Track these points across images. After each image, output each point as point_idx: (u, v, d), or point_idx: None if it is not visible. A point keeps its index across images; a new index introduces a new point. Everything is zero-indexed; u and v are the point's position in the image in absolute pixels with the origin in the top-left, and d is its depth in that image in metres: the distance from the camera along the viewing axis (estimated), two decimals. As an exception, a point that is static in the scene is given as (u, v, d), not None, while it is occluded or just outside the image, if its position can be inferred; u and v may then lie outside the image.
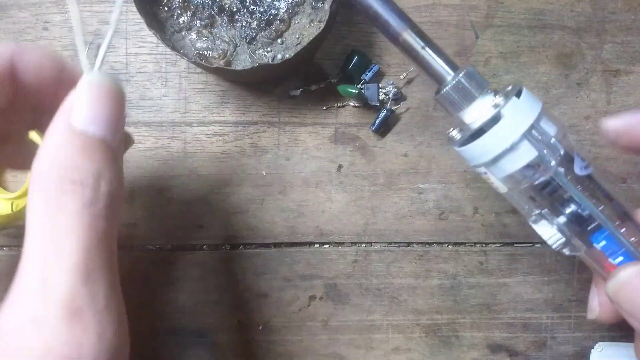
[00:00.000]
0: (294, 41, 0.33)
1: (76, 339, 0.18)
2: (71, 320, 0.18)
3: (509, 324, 0.38)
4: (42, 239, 0.19)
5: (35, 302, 0.18)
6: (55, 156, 0.20)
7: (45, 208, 0.19)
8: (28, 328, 0.18)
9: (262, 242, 0.37)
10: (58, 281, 0.18)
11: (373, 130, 0.36)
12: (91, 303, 0.19)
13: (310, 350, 0.37)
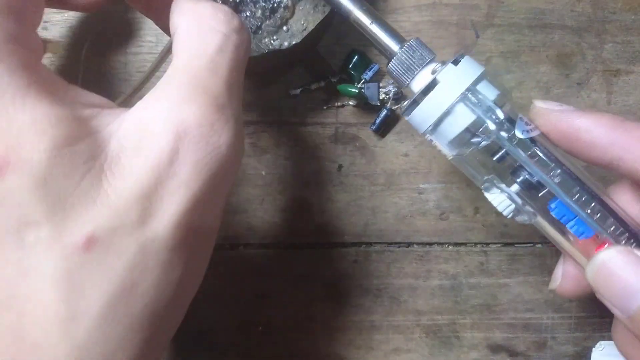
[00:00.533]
0: (300, 27, 0.33)
1: (219, 126, 0.21)
2: (215, 110, 0.21)
3: (510, 325, 0.38)
4: (195, 52, 0.22)
5: (185, 89, 0.21)
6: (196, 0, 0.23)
7: (199, 30, 0.22)
8: (178, 103, 0.20)
9: (262, 242, 0.37)
10: (206, 81, 0.21)
11: (373, 130, 0.36)
12: (229, 106, 0.21)
13: (310, 350, 0.37)
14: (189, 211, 0.20)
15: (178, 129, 0.20)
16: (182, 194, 0.20)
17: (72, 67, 0.35)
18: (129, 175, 0.19)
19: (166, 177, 0.19)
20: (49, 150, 0.18)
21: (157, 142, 0.20)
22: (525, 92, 0.36)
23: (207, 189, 0.20)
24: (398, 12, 0.36)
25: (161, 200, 0.19)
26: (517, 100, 0.36)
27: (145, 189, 0.19)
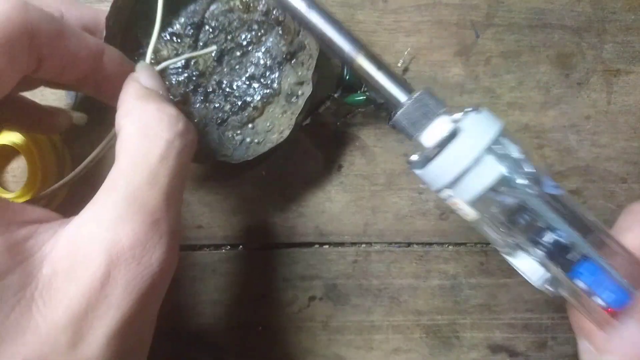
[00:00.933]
0: (265, 127, 0.34)
1: (152, 244, 0.21)
2: (150, 228, 0.21)
3: (510, 325, 0.37)
4: (136, 160, 0.22)
5: (121, 205, 0.21)
6: (144, 98, 0.24)
7: (142, 135, 0.22)
8: (113, 222, 0.20)
9: (262, 242, 0.37)
10: (144, 196, 0.21)
11: (391, 125, 0.35)
12: (166, 219, 0.22)
13: (310, 350, 0.37)
14: (119, 331, 0.20)
15: (111, 252, 0.20)
16: (111, 316, 0.20)
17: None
18: (60, 302, 0.20)
19: (96, 301, 0.20)
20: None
21: (89, 267, 0.20)
22: (525, 92, 0.36)
23: (137, 308, 0.21)
24: (398, 12, 0.36)
25: (91, 324, 0.20)
26: (517, 100, 0.36)
27: (75, 315, 0.19)
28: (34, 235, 0.21)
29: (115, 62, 0.26)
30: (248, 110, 0.34)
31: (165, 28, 0.33)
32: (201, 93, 0.34)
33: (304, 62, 0.33)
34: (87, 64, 0.25)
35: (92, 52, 0.25)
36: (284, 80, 0.34)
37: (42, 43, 0.22)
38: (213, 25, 0.33)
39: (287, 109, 0.33)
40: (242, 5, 0.33)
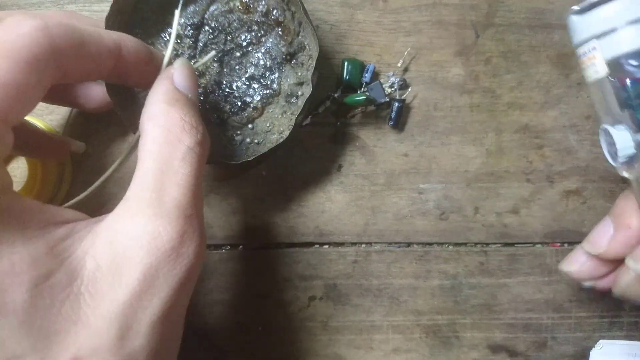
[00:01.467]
0: (265, 128, 0.34)
1: (188, 237, 0.23)
2: (184, 222, 0.23)
3: (510, 325, 0.38)
4: (161, 162, 0.23)
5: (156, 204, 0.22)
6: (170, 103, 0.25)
7: (165, 140, 0.24)
8: (151, 218, 0.22)
9: (262, 242, 0.37)
10: (174, 194, 0.23)
11: (392, 125, 0.35)
12: (195, 214, 0.23)
13: (310, 350, 0.37)
14: (161, 320, 0.22)
15: (151, 245, 0.21)
16: (154, 305, 0.21)
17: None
18: (106, 295, 0.21)
19: (141, 293, 0.21)
20: (29, 290, 0.20)
21: (132, 261, 0.21)
22: (525, 92, 0.36)
23: (176, 296, 0.22)
24: (398, 12, 0.36)
25: (136, 314, 0.21)
26: (517, 100, 0.36)
27: (122, 307, 0.21)
28: (72, 234, 0.22)
29: (132, 51, 0.27)
30: (248, 111, 0.34)
31: (164, 29, 0.33)
32: (201, 93, 0.34)
33: (303, 63, 0.33)
34: (109, 63, 0.26)
35: (111, 50, 0.26)
36: (284, 80, 0.34)
37: (66, 57, 0.23)
38: (213, 26, 0.33)
39: (287, 110, 0.33)
40: (241, 6, 0.33)
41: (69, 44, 0.23)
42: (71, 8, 0.35)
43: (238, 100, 0.34)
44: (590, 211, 0.37)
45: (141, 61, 0.27)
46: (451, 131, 0.36)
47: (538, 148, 0.37)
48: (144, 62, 0.27)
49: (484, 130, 0.36)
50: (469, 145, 0.36)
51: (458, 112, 0.36)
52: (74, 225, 0.22)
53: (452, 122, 0.36)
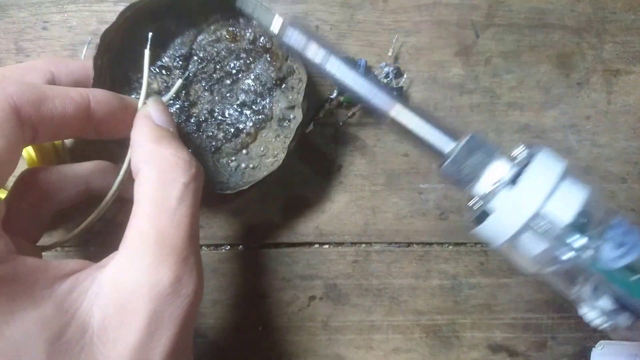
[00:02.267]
0: (259, 152, 0.34)
1: (186, 278, 0.24)
2: (183, 265, 0.23)
3: (510, 325, 0.38)
4: (156, 203, 0.24)
5: (155, 249, 0.23)
6: (158, 142, 0.26)
7: (161, 180, 0.24)
8: (152, 266, 0.23)
9: (262, 242, 0.37)
10: (172, 238, 0.24)
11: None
12: (193, 253, 0.24)
13: (310, 350, 0.37)
14: (172, 351, 0.23)
15: (153, 292, 0.22)
16: (163, 344, 0.23)
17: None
18: (117, 341, 0.22)
19: (149, 335, 0.22)
20: (46, 351, 0.21)
21: (138, 308, 0.22)
22: (526, 92, 0.36)
23: (181, 333, 0.23)
24: (398, 12, 0.36)
25: (147, 355, 0.22)
26: (518, 100, 0.36)
27: (134, 349, 0.22)
28: (77, 286, 0.23)
29: (103, 103, 0.27)
30: (241, 137, 0.34)
31: (154, 61, 0.33)
32: (194, 123, 0.34)
33: (294, 87, 0.33)
34: (78, 117, 0.26)
35: (78, 104, 0.26)
36: (275, 105, 0.34)
37: (29, 113, 0.24)
38: (201, 56, 0.33)
39: (280, 133, 0.34)
40: (228, 35, 0.33)
41: (28, 99, 0.24)
42: (71, 8, 0.35)
43: (231, 127, 0.34)
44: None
45: (114, 111, 0.27)
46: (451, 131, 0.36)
47: (538, 148, 0.37)
48: (117, 111, 0.27)
49: (484, 130, 0.36)
50: (469, 145, 0.36)
51: (458, 112, 0.36)
52: (77, 276, 0.23)
53: (452, 122, 0.36)
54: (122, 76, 0.32)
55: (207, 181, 0.28)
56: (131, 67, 0.33)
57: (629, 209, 0.37)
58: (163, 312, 0.23)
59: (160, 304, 0.23)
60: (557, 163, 0.22)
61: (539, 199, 0.21)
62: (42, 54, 0.35)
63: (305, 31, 0.26)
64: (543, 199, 0.21)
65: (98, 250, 0.35)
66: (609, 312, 0.22)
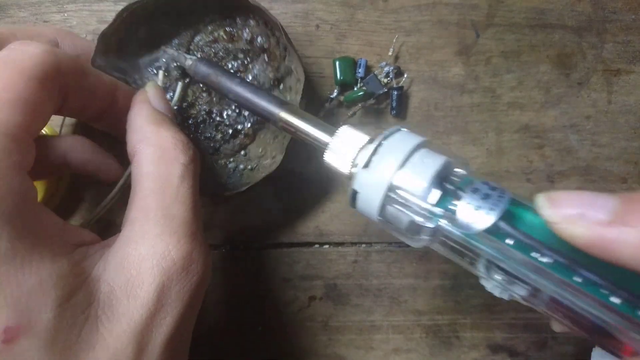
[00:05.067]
0: (258, 153, 0.34)
1: (195, 253, 0.23)
2: (191, 239, 0.23)
3: (510, 325, 0.37)
4: (161, 181, 0.24)
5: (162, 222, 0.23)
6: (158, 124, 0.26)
7: (162, 159, 0.24)
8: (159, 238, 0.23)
9: (262, 242, 0.37)
10: (178, 212, 0.23)
11: (394, 115, 0.35)
12: (198, 229, 0.24)
13: (310, 350, 0.37)
14: (173, 336, 0.23)
15: (162, 265, 0.22)
16: (167, 323, 0.22)
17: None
18: (122, 316, 0.21)
19: (155, 312, 0.22)
20: (55, 309, 0.20)
21: (145, 282, 0.22)
22: (526, 91, 0.36)
23: (187, 312, 0.23)
24: (398, 12, 0.36)
25: (151, 333, 0.22)
26: (518, 100, 0.36)
27: (137, 327, 0.21)
28: (87, 257, 0.23)
29: (128, 97, 0.28)
30: (239, 138, 0.34)
31: (151, 63, 0.33)
32: (192, 124, 0.34)
33: (291, 87, 0.33)
34: (104, 99, 0.27)
35: (107, 88, 0.27)
36: None
37: (69, 81, 0.24)
38: (199, 57, 0.33)
39: (278, 134, 0.34)
40: (225, 35, 0.33)
41: (73, 70, 0.24)
42: (71, 8, 0.35)
43: (229, 128, 0.34)
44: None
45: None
46: (451, 131, 0.36)
47: (538, 148, 0.37)
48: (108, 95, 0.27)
49: (484, 130, 0.36)
50: (470, 145, 0.36)
51: (458, 112, 0.36)
52: (87, 248, 0.23)
53: (452, 122, 0.36)
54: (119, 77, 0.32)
55: (205, 182, 0.28)
56: (130, 68, 0.32)
57: (629, 208, 0.37)
58: (171, 287, 0.22)
59: (168, 278, 0.22)
60: (411, 139, 0.23)
61: (388, 173, 0.22)
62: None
63: (211, 64, 0.31)
64: (391, 172, 0.22)
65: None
66: (503, 283, 0.22)
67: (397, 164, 0.22)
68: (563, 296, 0.19)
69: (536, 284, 0.20)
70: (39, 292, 0.20)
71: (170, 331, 0.22)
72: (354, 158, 0.24)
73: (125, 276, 0.22)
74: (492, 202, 0.20)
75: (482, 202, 0.20)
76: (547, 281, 0.20)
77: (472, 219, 0.20)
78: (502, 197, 0.21)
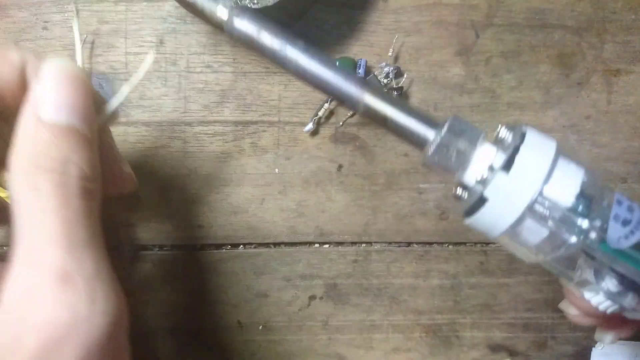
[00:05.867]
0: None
1: (70, 304, 0.19)
2: (63, 286, 0.19)
3: (510, 324, 0.38)
4: (25, 218, 0.20)
5: (27, 273, 0.19)
6: (27, 146, 0.21)
7: (25, 192, 0.20)
8: (25, 299, 0.19)
9: (262, 242, 0.37)
10: (45, 252, 0.19)
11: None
12: (80, 270, 0.20)
13: (310, 350, 0.37)
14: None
15: (40, 329, 0.19)
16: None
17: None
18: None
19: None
20: None
21: (20, 349, 0.19)
22: (526, 92, 0.36)
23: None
24: (398, 12, 0.36)
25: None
26: (518, 100, 0.36)
27: None
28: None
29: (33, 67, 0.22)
30: None
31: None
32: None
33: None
34: (12, 79, 0.22)
35: (14, 65, 0.22)
36: None
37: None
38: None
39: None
40: None
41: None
42: (71, 8, 0.35)
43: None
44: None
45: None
46: (451, 131, 0.36)
47: (538, 148, 0.37)
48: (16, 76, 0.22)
49: (484, 130, 0.36)
50: (469, 145, 0.36)
51: (458, 112, 0.36)
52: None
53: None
54: None
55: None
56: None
57: (629, 208, 0.37)
58: (54, 351, 0.18)
59: (45, 341, 0.18)
60: (548, 143, 0.20)
61: (537, 184, 0.19)
62: (42, 54, 0.35)
63: (255, 18, 0.22)
64: (541, 183, 0.19)
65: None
66: (614, 294, 0.21)
67: (546, 170, 0.19)
68: None
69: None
70: None
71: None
72: (473, 159, 0.21)
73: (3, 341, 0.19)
74: (638, 215, 0.20)
75: (629, 214, 0.20)
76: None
77: (622, 232, 0.19)
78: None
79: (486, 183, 0.20)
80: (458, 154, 0.21)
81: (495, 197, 0.20)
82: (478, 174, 0.21)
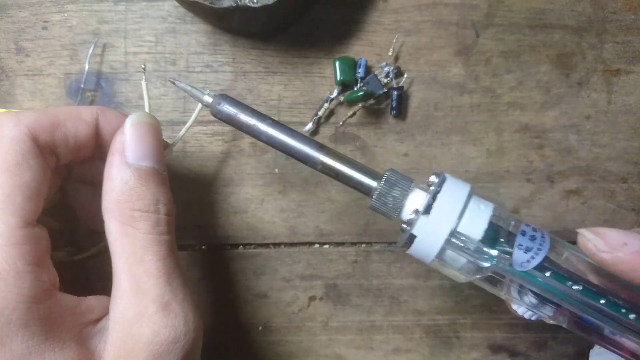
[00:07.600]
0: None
1: (170, 324, 0.24)
2: (164, 311, 0.24)
3: (510, 325, 0.37)
4: (126, 256, 0.24)
5: (135, 302, 0.24)
6: (121, 189, 0.25)
7: (122, 233, 0.24)
8: (136, 321, 0.23)
9: (262, 242, 0.37)
10: (148, 285, 0.24)
11: (394, 115, 0.35)
12: (174, 297, 0.24)
13: (310, 350, 0.37)
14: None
15: (152, 345, 0.24)
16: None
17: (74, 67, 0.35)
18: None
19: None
20: None
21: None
22: (526, 91, 0.36)
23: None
24: (398, 12, 0.36)
25: None
26: (518, 100, 0.36)
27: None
28: (91, 336, 0.24)
29: (112, 122, 0.27)
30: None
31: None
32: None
33: None
34: (89, 134, 0.26)
35: (88, 122, 0.26)
36: None
37: (46, 139, 0.25)
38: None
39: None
40: None
41: (44, 128, 0.24)
42: (71, 8, 0.35)
43: None
44: (590, 211, 0.37)
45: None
46: (451, 131, 0.36)
47: (538, 148, 0.37)
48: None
49: (484, 130, 0.36)
50: (469, 145, 0.36)
51: (458, 112, 0.36)
52: (91, 327, 0.25)
53: (452, 122, 0.36)
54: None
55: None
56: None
57: (629, 209, 0.37)
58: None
59: (154, 355, 0.23)
60: (463, 188, 0.25)
61: (451, 224, 0.24)
62: (42, 53, 0.35)
63: (233, 102, 0.28)
64: (454, 222, 0.24)
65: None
66: (535, 305, 0.26)
67: (458, 211, 0.24)
68: (587, 313, 0.24)
69: (567, 305, 0.24)
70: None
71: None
72: (406, 204, 0.26)
73: (123, 357, 0.23)
74: (538, 243, 0.24)
75: (531, 243, 0.24)
76: (576, 302, 0.24)
77: (525, 258, 0.24)
78: (544, 237, 0.25)
79: (413, 224, 0.25)
80: (394, 200, 0.26)
81: (421, 235, 0.25)
82: (407, 217, 0.25)
